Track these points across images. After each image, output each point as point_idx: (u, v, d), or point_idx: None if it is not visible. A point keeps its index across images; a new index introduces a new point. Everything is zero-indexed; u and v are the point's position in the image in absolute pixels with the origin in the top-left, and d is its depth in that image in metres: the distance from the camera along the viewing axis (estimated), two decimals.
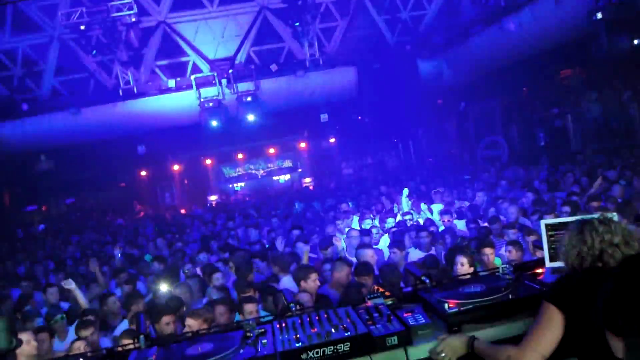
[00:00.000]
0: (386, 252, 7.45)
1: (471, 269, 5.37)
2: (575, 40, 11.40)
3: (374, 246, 7.83)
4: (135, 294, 6.57)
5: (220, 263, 7.88)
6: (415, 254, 7.24)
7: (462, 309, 2.85)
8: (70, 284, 6.74)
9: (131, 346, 3.02)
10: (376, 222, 9.49)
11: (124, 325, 5.97)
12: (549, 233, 3.44)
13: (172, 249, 10.47)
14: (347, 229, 8.97)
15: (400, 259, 6.83)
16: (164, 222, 16.84)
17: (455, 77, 15.72)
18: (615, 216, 2.68)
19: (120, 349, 3.13)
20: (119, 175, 24.83)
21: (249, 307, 5.23)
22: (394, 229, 8.65)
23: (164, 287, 6.67)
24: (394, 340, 2.65)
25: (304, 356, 2.56)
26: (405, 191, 10.36)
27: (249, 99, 15.48)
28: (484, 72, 14.75)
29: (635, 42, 9.27)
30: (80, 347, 4.84)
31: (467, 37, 14.26)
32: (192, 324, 4.70)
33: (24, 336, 4.60)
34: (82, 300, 6.79)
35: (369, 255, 6.56)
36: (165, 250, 10.55)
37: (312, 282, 5.80)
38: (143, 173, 26.05)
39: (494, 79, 15.31)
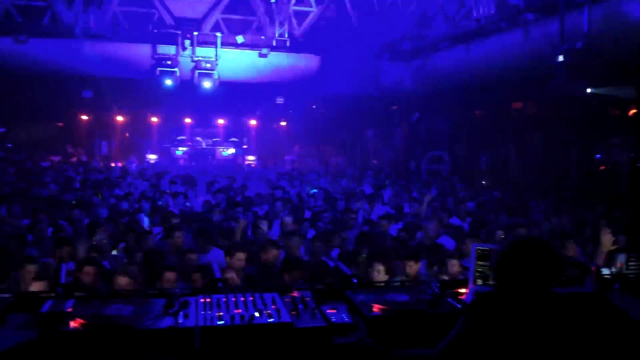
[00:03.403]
0: None
1: (386, 277, 5.41)
2: (533, 77, 11.76)
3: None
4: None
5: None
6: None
7: (385, 315, 2.91)
8: None
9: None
10: None
11: None
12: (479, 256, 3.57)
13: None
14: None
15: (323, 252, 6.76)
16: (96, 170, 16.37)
17: (415, 87, 15.92)
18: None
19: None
20: (58, 114, 23.85)
21: (169, 275, 4.96)
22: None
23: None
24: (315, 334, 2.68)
25: (223, 335, 2.55)
26: None
27: (207, 65, 15.15)
28: (443, 88, 15.02)
29: (588, 90, 9.67)
30: None
31: (434, 51, 14.44)
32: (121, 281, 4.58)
33: None
34: None
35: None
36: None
37: (238, 260, 5.77)
38: (84, 117, 25.15)
39: (450, 96, 15.63)
